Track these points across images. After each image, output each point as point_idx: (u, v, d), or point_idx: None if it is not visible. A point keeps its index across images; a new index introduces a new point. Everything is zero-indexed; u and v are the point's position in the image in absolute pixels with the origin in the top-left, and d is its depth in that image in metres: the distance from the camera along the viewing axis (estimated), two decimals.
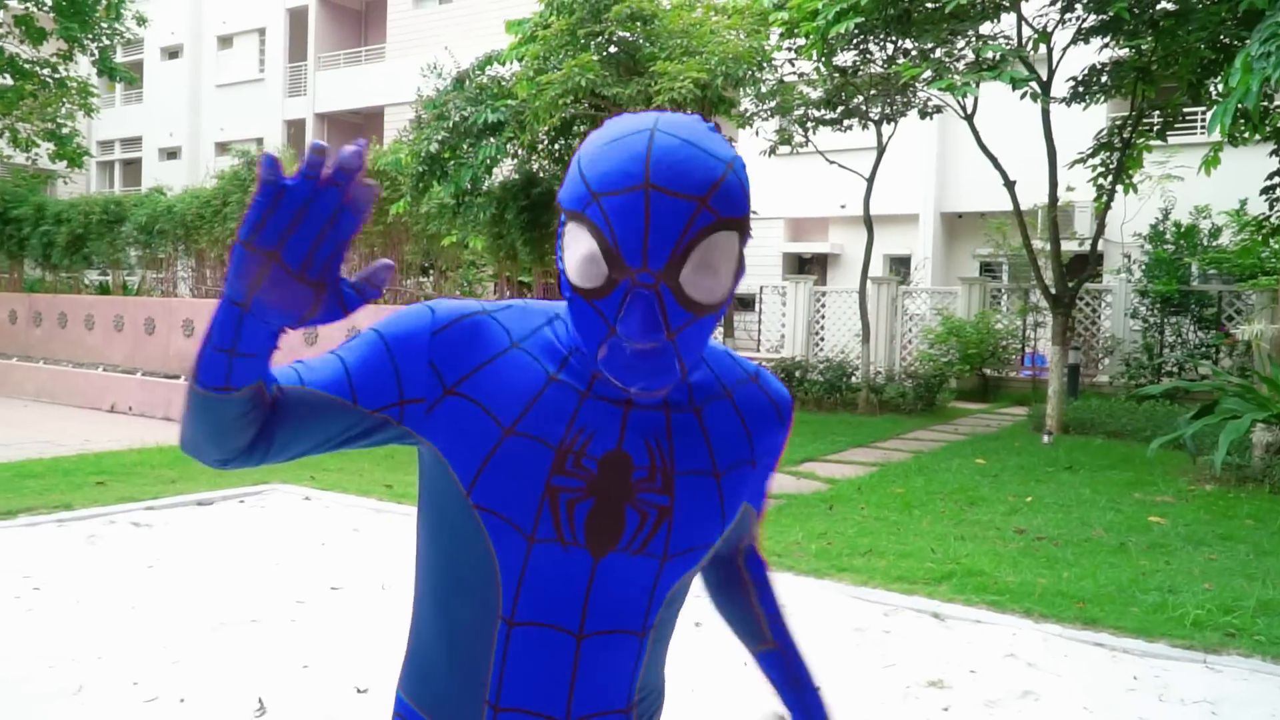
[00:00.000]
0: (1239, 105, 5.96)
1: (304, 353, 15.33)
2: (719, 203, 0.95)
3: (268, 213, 0.83)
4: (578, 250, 0.98)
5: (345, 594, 4.89)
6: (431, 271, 16.75)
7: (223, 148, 28.56)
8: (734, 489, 1.11)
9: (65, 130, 21.63)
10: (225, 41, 30.64)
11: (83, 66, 23.05)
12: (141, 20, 21.37)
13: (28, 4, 19.88)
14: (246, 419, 0.97)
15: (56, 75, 21.12)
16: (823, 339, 17.42)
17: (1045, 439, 10.35)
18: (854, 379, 13.64)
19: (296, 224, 0.84)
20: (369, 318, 12.11)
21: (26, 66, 20.67)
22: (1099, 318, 15.16)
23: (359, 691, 3.68)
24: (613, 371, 0.99)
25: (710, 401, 1.11)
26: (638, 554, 1.05)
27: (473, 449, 1.04)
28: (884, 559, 5.66)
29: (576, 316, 1.00)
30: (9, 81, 20.70)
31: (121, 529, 6.14)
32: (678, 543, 1.07)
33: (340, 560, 5.51)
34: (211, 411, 0.94)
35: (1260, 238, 12.57)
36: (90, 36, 20.55)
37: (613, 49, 11.30)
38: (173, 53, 31.76)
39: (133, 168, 33.04)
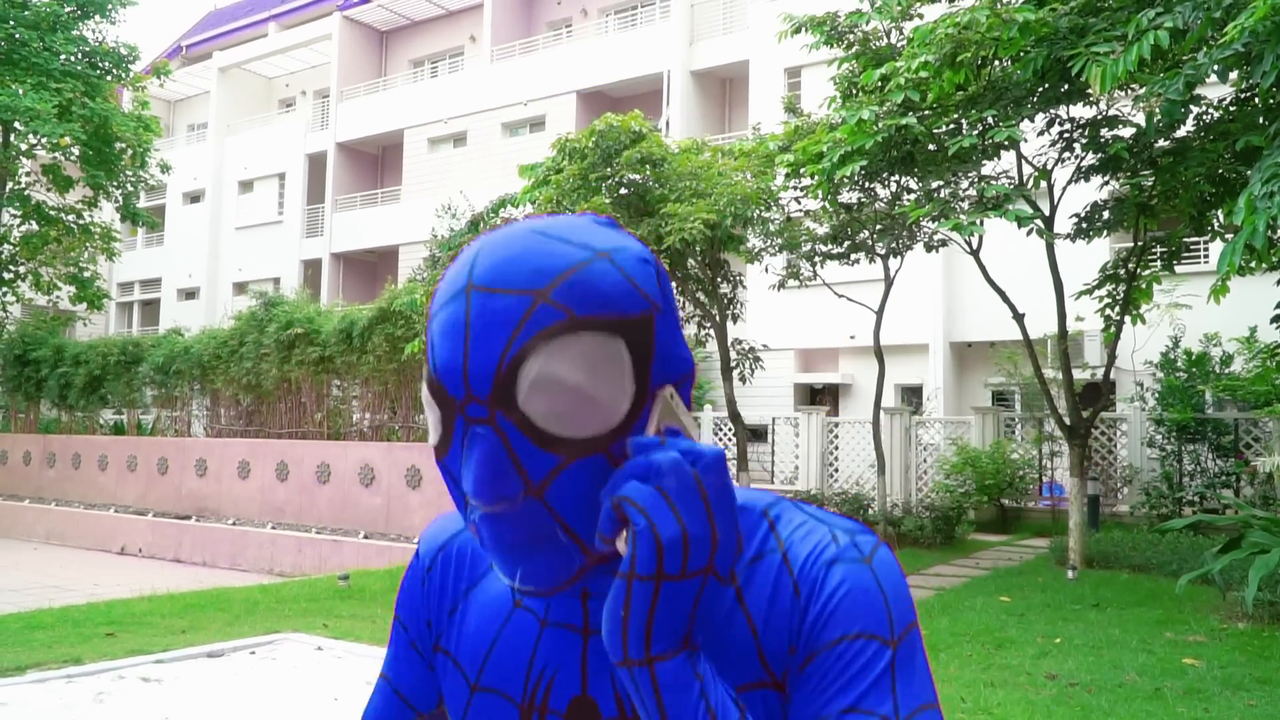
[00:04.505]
0: (1246, 243, 6.06)
1: (317, 493, 15.28)
2: (570, 297, 0.70)
3: None
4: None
5: None
6: None
7: (240, 288, 29.14)
8: None
9: (87, 274, 22.11)
10: (246, 186, 31.60)
11: (106, 211, 23.71)
12: (165, 168, 22.12)
13: (56, 154, 20.61)
14: None
15: (80, 221, 21.72)
16: (837, 470, 17.30)
17: (1070, 574, 10.15)
18: (870, 511, 13.49)
19: None
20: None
21: (52, 213, 21.29)
22: (1115, 447, 15.07)
23: None
24: (492, 559, 0.75)
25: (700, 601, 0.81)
26: None
27: (455, 717, 0.86)
28: None
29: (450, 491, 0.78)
30: (34, 228, 21.29)
31: (131, 685, 6.01)
32: None
33: (354, 717, 5.37)
34: None
35: (1274, 365, 12.57)
36: (115, 184, 21.23)
37: (624, 191, 11.61)
38: (194, 197, 32.72)
39: (151, 308, 33.66)
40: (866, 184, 11.66)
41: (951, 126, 9.82)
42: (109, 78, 21.08)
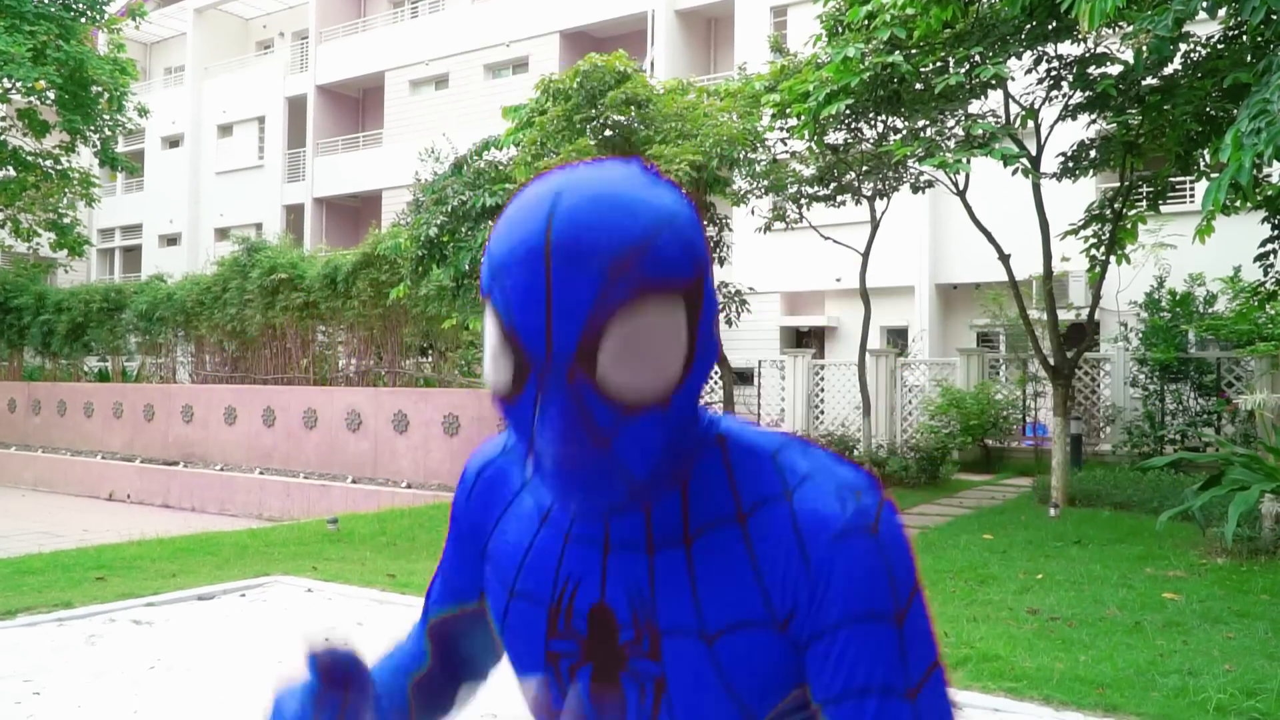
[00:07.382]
0: (1232, 180, 6.04)
1: (304, 438, 15.29)
2: (643, 268, 0.76)
3: None
4: (487, 342, 0.83)
5: None
6: (431, 353, 16.80)
7: (222, 233, 28.87)
8: (743, 663, 0.83)
9: (66, 220, 21.85)
10: (225, 130, 31.15)
11: (84, 157, 23.35)
12: (143, 111, 21.74)
13: (31, 98, 20.22)
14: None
15: (59, 167, 21.39)
16: (823, 412, 17.40)
17: (1052, 512, 10.28)
18: (856, 453, 13.59)
19: None
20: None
21: (29, 159, 20.96)
22: (1099, 386, 15.18)
23: None
24: (549, 489, 0.82)
25: (707, 531, 0.85)
26: None
27: (498, 621, 0.97)
28: None
29: (510, 428, 0.86)
30: (12, 173, 20.97)
31: (122, 627, 6.04)
32: None
33: None
34: None
35: (1256, 304, 12.64)
36: (93, 128, 20.87)
37: (609, 133, 11.48)
38: (173, 141, 32.26)
39: (133, 255, 33.33)
40: (852, 124, 11.56)
41: (938, 64, 9.72)
42: (83, 20, 20.62)
